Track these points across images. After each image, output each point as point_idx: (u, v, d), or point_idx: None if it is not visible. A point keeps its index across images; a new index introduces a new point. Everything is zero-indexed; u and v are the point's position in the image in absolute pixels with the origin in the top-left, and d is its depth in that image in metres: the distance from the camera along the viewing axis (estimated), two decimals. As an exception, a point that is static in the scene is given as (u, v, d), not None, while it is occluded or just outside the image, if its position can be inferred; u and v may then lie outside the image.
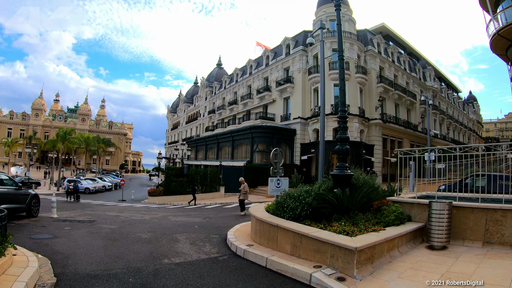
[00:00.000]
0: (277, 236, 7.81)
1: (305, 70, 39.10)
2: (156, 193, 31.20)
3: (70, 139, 52.53)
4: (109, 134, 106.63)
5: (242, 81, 52.87)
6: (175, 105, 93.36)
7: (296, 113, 38.64)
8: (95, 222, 13.55)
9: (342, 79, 10.49)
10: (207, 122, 64.09)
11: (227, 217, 16.01)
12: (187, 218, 15.60)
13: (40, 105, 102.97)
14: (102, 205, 25.89)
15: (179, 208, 23.02)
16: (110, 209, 20.97)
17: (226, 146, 43.72)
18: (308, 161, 35.88)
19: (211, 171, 32.39)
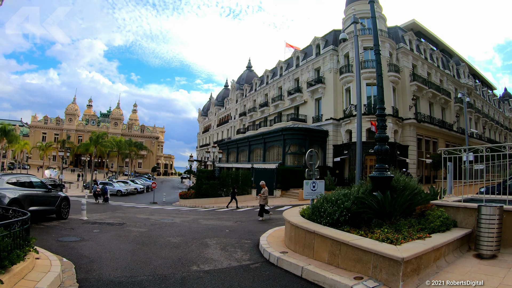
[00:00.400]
0: (313, 243, 7.27)
1: (336, 70, 38.42)
2: (187, 195, 31.29)
3: (103, 142, 53.61)
4: (141, 138, 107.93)
5: (273, 83, 52.55)
6: (206, 109, 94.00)
7: (328, 114, 37.99)
8: (125, 225, 13.45)
9: (380, 75, 9.88)
10: (238, 125, 64.12)
11: (258, 221, 15.65)
12: (218, 221, 15.34)
13: (73, 110, 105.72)
14: (133, 207, 26.07)
15: (210, 211, 22.86)
16: (141, 212, 21.01)
17: (258, 148, 43.53)
18: (341, 163, 35.17)
19: (243, 174, 32.26)
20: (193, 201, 29.83)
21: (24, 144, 73.86)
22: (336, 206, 7.86)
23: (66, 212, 14.61)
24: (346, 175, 34.68)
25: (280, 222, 13.75)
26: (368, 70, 33.99)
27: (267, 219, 16.11)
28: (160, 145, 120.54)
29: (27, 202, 11.61)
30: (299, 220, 8.41)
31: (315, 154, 11.22)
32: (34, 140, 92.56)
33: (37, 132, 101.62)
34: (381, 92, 9.78)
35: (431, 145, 40.24)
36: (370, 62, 34.47)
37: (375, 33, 10.73)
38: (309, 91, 41.21)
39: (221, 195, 30.79)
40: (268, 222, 14.79)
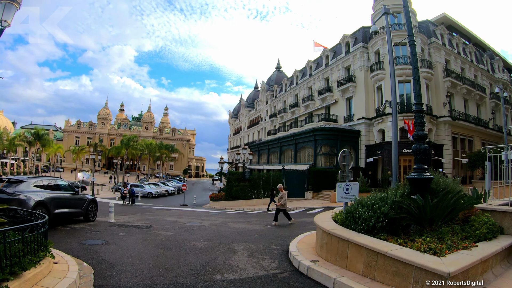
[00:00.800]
0: (347, 252, 6.65)
1: (367, 68, 37.49)
2: (217, 198, 31.11)
3: (133, 145, 54.43)
4: (172, 141, 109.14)
5: (303, 83, 51.91)
6: (237, 110, 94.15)
7: (359, 113, 37.10)
8: (152, 228, 13.26)
9: (416, 67, 9.29)
10: (269, 126, 63.76)
11: (289, 224, 15.06)
12: (247, 225, 14.96)
13: (105, 114, 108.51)
14: (162, 209, 26.01)
15: (240, 213, 22.50)
16: (170, 214, 20.88)
17: (289, 149, 43.01)
18: (373, 164, 34.20)
19: (274, 176, 31.75)
20: (223, 204, 29.59)
21: (57, 147, 76.25)
22: (372, 211, 7.15)
23: (94, 215, 14.64)
24: (379, 176, 33.73)
25: (311, 226, 13.26)
26: (400, 66, 32.90)
27: (300, 222, 15.66)
28: (191, 148, 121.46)
29: (53, 204, 11.71)
30: (332, 226, 7.85)
31: (348, 154, 10.57)
32: (68, 144, 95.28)
33: (70, 136, 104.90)
34: (418, 86, 9.11)
35: (466, 144, 38.55)
36: (402, 58, 33.49)
37: (408, 23, 10.02)
38: (340, 90, 40.40)
39: (252, 197, 30.47)
40: (299, 226, 14.26)
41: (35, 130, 66.31)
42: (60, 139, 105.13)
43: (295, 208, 24.60)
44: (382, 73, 34.27)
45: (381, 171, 33.68)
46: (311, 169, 32.12)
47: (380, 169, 33.97)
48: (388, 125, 32.45)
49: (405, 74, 32.81)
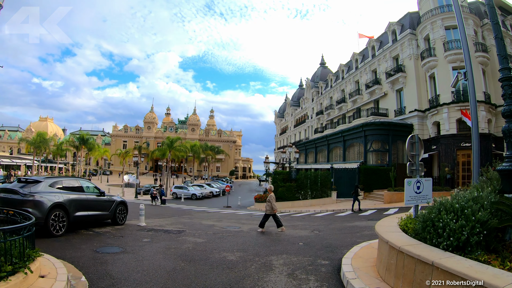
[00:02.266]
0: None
1: (417, 56, 34.89)
2: (262, 199, 29.85)
3: (177, 147, 54.34)
4: (218, 142, 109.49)
5: (349, 77, 49.65)
6: (282, 110, 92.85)
7: (411, 106, 34.52)
8: (183, 233, 12.11)
9: (491, 6, 7.22)
10: (316, 124, 61.83)
11: (340, 229, 13.33)
12: (292, 230, 13.36)
13: (151, 118, 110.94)
14: (203, 211, 25.10)
15: (285, 216, 20.78)
16: (209, 217, 19.76)
17: (337, 147, 40.94)
18: (428, 160, 31.47)
19: (321, 175, 29.99)
20: (269, 205, 28.42)
21: (103, 151, 78.47)
22: (464, 218, 4.76)
23: (123, 218, 13.77)
24: (434, 174, 31.20)
25: (366, 232, 11.78)
26: (453, 51, 30.39)
27: (352, 227, 14.09)
28: (237, 149, 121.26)
29: (74, 206, 10.97)
30: (403, 240, 5.57)
31: (418, 141, 8.00)
32: (115, 148, 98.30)
33: (118, 140, 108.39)
34: (501, 45, 6.98)
35: None
36: (454, 42, 30.69)
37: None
38: (389, 82, 37.99)
39: (298, 198, 28.81)
40: (351, 232, 12.43)
41: (80, 135, 68.24)
42: (108, 143, 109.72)
43: (345, 210, 22.87)
44: (434, 60, 31.72)
45: (437, 168, 31.17)
46: (362, 167, 30.06)
47: (436, 166, 31.45)
48: (444, 116, 29.91)
49: (459, 60, 30.17)
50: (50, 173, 70.22)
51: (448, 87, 30.00)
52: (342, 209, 23.29)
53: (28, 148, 65.25)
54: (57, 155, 71.18)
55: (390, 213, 18.51)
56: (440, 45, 31.43)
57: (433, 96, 32.15)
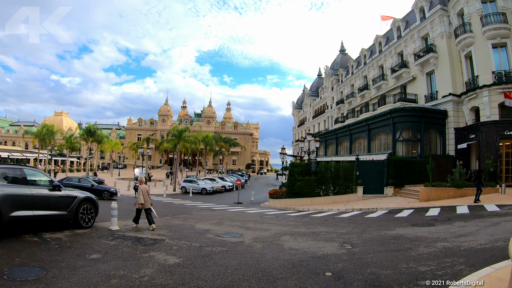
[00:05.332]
0: None
1: (449, 34, 31.11)
2: (277, 195, 26.64)
3: (186, 137, 51.25)
4: (234, 135, 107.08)
5: (372, 62, 45.90)
6: (300, 101, 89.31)
7: (444, 90, 30.80)
8: (158, 244, 9.08)
9: None
10: (336, 114, 58.16)
11: (381, 242, 9.51)
12: (313, 242, 9.85)
13: (166, 111, 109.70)
14: (207, 209, 22.09)
15: (303, 217, 17.54)
16: (209, 218, 16.58)
17: (361, 137, 37.30)
18: (466, 151, 28.06)
19: (345, 167, 26.25)
20: (284, 202, 25.09)
21: (114, 144, 76.41)
22: None
23: (89, 219, 10.97)
24: (473, 167, 27.60)
25: (421, 248, 8.25)
26: (492, 26, 26.55)
27: (397, 237, 10.66)
28: (254, 142, 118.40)
29: (10, 204, 8.36)
30: None
31: None
32: (130, 141, 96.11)
33: (132, 134, 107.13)
34: None
35: None
36: (492, 16, 26.85)
37: None
38: (418, 64, 34.25)
39: (319, 194, 25.40)
40: (401, 248, 8.66)
41: (87, 126, 65.77)
42: (123, 137, 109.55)
43: (375, 210, 19.58)
44: (471, 36, 27.90)
45: (475, 160, 27.61)
46: (391, 159, 26.34)
47: (475, 157, 27.89)
48: (484, 100, 26.22)
49: (499, 36, 26.62)
50: (60, 167, 68.16)
51: (488, 67, 26.61)
52: (372, 208, 19.96)
53: (34, 141, 63.13)
54: (68, 148, 68.99)
55: (433, 214, 15.23)
56: (477, 20, 27.65)
57: (470, 78, 28.42)
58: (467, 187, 21.04)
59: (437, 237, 9.71)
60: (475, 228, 10.61)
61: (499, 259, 6.85)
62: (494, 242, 8.41)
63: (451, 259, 7.11)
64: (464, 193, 20.72)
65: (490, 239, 8.76)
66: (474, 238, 9.12)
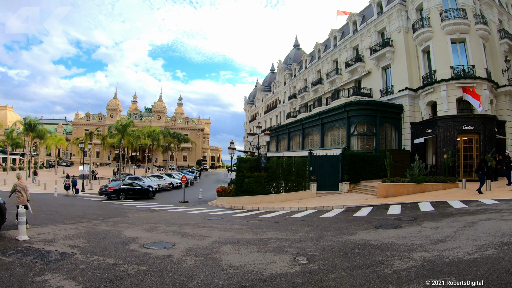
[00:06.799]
0: None
1: (407, 29, 30.38)
2: (225, 192, 24.65)
3: (130, 132, 48.06)
4: (185, 130, 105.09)
5: (326, 56, 44.78)
6: (252, 96, 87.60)
7: (400, 84, 29.98)
8: (63, 262, 6.93)
9: None
10: (288, 109, 56.78)
11: (344, 254, 7.44)
12: (259, 254, 7.80)
13: (114, 105, 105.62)
14: (147, 210, 19.91)
15: (252, 218, 15.69)
16: (144, 221, 14.36)
17: (313, 132, 35.88)
18: (421, 146, 27.35)
19: (297, 163, 24.72)
20: (232, 200, 23.21)
21: (58, 140, 71.41)
22: None
23: None
24: (429, 161, 27.09)
25: (395, 261, 6.36)
26: (451, 21, 26.29)
27: (362, 244, 8.92)
28: (206, 137, 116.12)
29: None
30: None
31: None
32: (76, 137, 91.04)
33: (79, 129, 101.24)
34: None
35: None
36: (452, 11, 26.51)
37: None
38: (373, 58, 33.33)
39: (270, 191, 23.77)
40: (370, 262, 6.77)
41: (28, 121, 60.61)
42: (70, 132, 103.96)
43: (331, 208, 17.95)
44: (429, 30, 27.32)
45: (432, 155, 27.04)
46: (346, 154, 24.93)
47: (431, 152, 27.30)
48: (442, 95, 25.60)
49: (458, 31, 26.35)
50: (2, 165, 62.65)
51: (446, 62, 26.17)
52: (327, 207, 18.30)
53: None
54: (9, 145, 63.50)
55: (395, 212, 13.68)
56: (436, 14, 27.15)
57: (427, 73, 27.79)
58: (427, 182, 19.99)
59: (411, 243, 7.89)
60: (450, 230, 8.96)
61: (501, 275, 5.19)
62: (483, 250, 6.67)
63: (441, 279, 5.24)
64: (423, 188, 19.60)
65: (477, 246, 7.04)
66: (455, 244, 7.37)
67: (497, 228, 8.67)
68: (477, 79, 25.07)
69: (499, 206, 12.44)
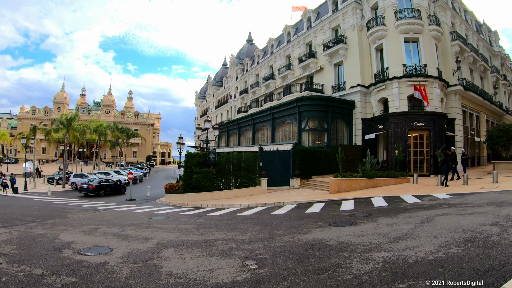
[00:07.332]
0: None
1: (361, 27, 30.48)
2: (173, 189, 23.44)
3: (75, 126, 45.34)
4: (135, 125, 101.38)
5: (279, 52, 44.31)
6: (204, 91, 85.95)
7: (353, 81, 29.98)
8: None
9: None
10: (239, 104, 55.96)
11: (298, 256, 6.55)
12: (204, 259, 6.77)
13: (62, 98, 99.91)
14: (91, 209, 18.24)
15: (199, 216, 14.63)
16: (85, 222, 12.88)
17: (264, 127, 35.14)
18: (372, 142, 27.50)
19: (247, 158, 23.82)
20: (181, 197, 22.08)
21: (1, 135, 66.66)
22: None
23: None
24: (380, 157, 27.20)
25: (354, 263, 5.67)
26: (405, 21, 26.78)
27: (313, 244, 8.15)
28: (156, 133, 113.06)
29: None
30: None
31: None
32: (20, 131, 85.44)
33: (25, 123, 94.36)
34: None
35: (474, 120, 33.45)
36: (407, 11, 26.89)
37: None
38: (326, 54, 33.11)
39: (219, 187, 22.81)
40: (327, 266, 6.22)
41: None
42: (15, 127, 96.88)
43: (282, 204, 17.15)
44: (384, 29, 27.50)
45: (383, 150, 27.19)
46: (297, 149, 24.41)
47: (382, 148, 27.44)
48: (394, 92, 25.80)
49: (412, 31, 26.80)
50: None
51: (399, 60, 26.58)
52: (278, 203, 17.51)
53: None
54: None
55: (348, 208, 13.07)
56: (391, 14, 27.50)
57: (379, 70, 27.96)
58: (379, 177, 19.78)
59: (368, 242, 7.15)
60: (408, 227, 8.34)
61: (471, 276, 4.61)
62: (447, 248, 6.02)
63: (406, 283, 4.53)
64: (376, 183, 19.35)
65: (439, 244, 6.38)
66: (416, 242, 6.71)
67: (456, 223, 8.16)
68: (428, 78, 25.58)
69: (453, 201, 12.14)
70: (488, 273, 4.62)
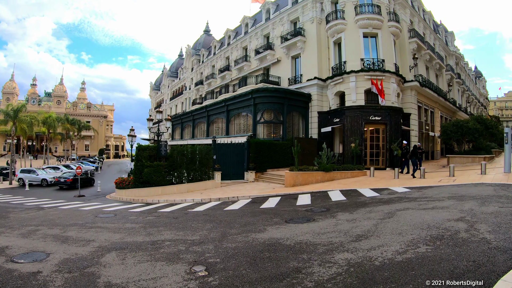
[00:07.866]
0: None
1: (320, 20, 30.10)
2: (124, 184, 21.95)
3: (22, 118, 42.53)
4: (87, 117, 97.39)
5: (236, 43, 43.33)
6: (159, 82, 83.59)
7: (310, 74, 29.54)
8: None
9: None
10: (194, 95, 54.57)
11: (252, 258, 5.79)
12: (148, 264, 5.87)
13: (11, 88, 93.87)
14: (35, 207, 16.71)
15: (149, 213, 13.57)
16: (25, 222, 11.52)
17: (219, 119, 34.15)
18: (329, 135, 27.23)
19: (201, 151, 22.73)
20: (132, 192, 20.77)
21: None
22: None
23: None
24: (336, 150, 26.97)
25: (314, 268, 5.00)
26: (365, 16, 26.72)
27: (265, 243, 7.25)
28: (109, 125, 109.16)
29: None
30: None
31: None
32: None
33: None
34: None
35: (429, 115, 34.59)
36: (366, 6, 26.83)
37: None
38: (284, 47, 32.50)
39: (171, 181, 21.62)
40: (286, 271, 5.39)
41: None
42: None
43: (237, 198, 16.29)
44: (343, 23, 27.20)
45: (339, 144, 26.99)
46: (252, 141, 23.66)
47: (338, 141, 27.26)
48: (351, 86, 25.59)
49: (371, 26, 26.81)
50: None
51: (357, 54, 26.49)
52: (232, 197, 16.62)
53: None
54: None
55: (305, 203, 12.40)
56: (351, 8, 27.35)
57: (337, 64, 27.67)
58: (335, 170, 19.35)
59: (329, 241, 6.45)
60: (370, 223, 7.71)
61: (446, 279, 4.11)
62: (415, 248, 5.39)
63: None
64: (332, 177, 18.92)
65: (405, 242, 5.76)
66: (380, 241, 6.08)
67: (420, 219, 7.65)
68: (386, 73, 25.70)
69: (413, 194, 11.75)
70: (464, 276, 4.10)
